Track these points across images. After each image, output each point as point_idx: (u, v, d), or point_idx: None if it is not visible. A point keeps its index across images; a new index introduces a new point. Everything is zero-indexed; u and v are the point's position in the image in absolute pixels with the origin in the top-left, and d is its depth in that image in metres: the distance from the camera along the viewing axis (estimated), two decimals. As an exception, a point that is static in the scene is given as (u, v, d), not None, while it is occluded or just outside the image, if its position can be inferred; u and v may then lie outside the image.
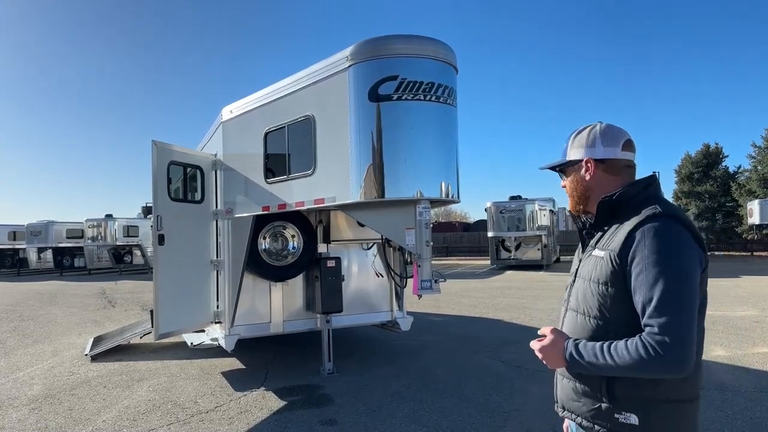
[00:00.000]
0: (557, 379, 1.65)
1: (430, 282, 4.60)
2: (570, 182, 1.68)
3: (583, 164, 1.63)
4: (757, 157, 33.20)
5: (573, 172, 1.67)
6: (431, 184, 4.58)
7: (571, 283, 1.67)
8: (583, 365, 1.43)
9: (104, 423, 4.52)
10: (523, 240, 21.79)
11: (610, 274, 1.45)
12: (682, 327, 1.31)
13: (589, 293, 1.51)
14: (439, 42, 4.71)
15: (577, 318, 1.56)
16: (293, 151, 5.28)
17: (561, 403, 1.62)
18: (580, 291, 1.57)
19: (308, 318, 6.33)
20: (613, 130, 1.62)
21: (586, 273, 1.55)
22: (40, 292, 16.75)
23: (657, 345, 1.30)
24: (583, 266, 1.60)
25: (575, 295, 1.59)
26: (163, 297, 5.36)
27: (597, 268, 1.50)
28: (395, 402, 4.85)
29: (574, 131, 1.68)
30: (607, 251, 1.48)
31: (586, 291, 1.53)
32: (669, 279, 1.33)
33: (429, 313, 9.96)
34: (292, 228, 6.23)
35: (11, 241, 28.88)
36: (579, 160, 1.64)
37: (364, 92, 4.53)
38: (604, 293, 1.47)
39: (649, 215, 1.43)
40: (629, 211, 1.50)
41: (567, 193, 1.71)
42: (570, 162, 1.66)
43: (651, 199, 1.51)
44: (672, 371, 1.32)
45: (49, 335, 8.81)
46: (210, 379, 5.79)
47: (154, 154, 5.41)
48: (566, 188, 1.71)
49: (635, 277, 1.39)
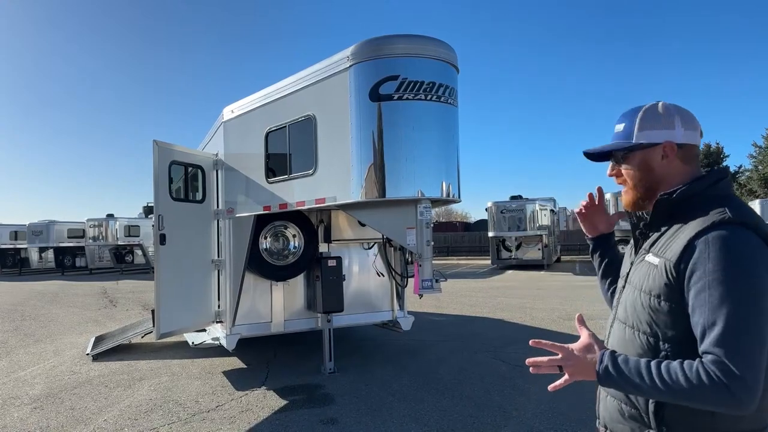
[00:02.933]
0: (600, 396, 1.46)
1: (430, 281, 4.60)
2: (635, 170, 1.39)
3: (661, 149, 1.35)
4: (758, 156, 33.19)
5: (640, 158, 1.38)
6: (432, 184, 4.58)
7: (621, 288, 1.45)
8: (617, 382, 1.23)
9: (105, 422, 4.52)
10: (523, 240, 21.78)
11: (665, 287, 1.24)
12: (750, 358, 1.10)
13: (640, 305, 1.30)
14: (440, 42, 4.71)
15: (625, 331, 1.35)
16: (294, 151, 5.29)
17: (603, 422, 1.43)
18: (629, 301, 1.35)
19: (309, 317, 6.34)
20: (688, 112, 1.37)
21: (638, 281, 1.33)
22: (41, 291, 16.77)
23: (722, 375, 1.09)
24: (634, 272, 1.37)
25: (624, 305, 1.38)
26: (165, 296, 5.37)
27: (650, 278, 1.28)
28: (396, 401, 4.86)
29: (635, 109, 1.40)
30: (662, 259, 1.26)
31: (636, 302, 1.32)
32: (736, 301, 1.12)
33: (430, 313, 9.96)
34: (294, 227, 6.23)
35: (13, 240, 28.89)
36: (653, 144, 1.36)
37: (365, 92, 4.53)
38: (656, 307, 1.26)
39: (716, 221, 1.20)
40: (694, 211, 1.27)
41: (626, 185, 1.43)
42: (640, 146, 1.37)
43: (721, 198, 1.28)
44: (734, 407, 1.11)
45: (50, 335, 8.83)
46: (211, 378, 5.80)
47: (156, 153, 5.42)
48: (624, 178, 1.42)
49: (695, 295, 1.17)
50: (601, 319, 8.98)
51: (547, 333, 7.92)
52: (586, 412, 4.43)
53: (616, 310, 1.43)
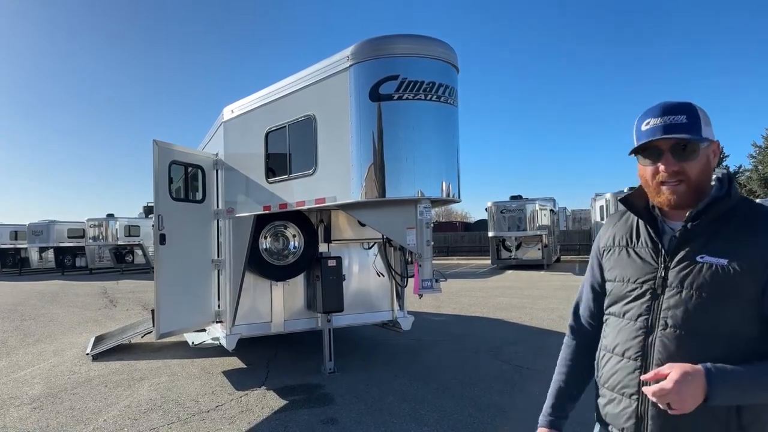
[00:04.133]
0: (646, 413, 1.31)
1: (430, 281, 4.60)
2: (699, 166, 1.33)
3: (714, 148, 1.36)
4: (758, 156, 33.17)
5: (704, 153, 1.33)
6: (432, 184, 4.58)
7: (652, 294, 1.35)
8: (732, 395, 1.19)
9: (105, 422, 4.52)
10: (523, 240, 21.78)
11: (741, 286, 1.23)
12: None
13: (712, 308, 1.25)
14: (440, 41, 4.71)
15: (692, 338, 1.26)
16: (294, 151, 5.29)
17: None
18: (691, 306, 1.27)
19: (309, 317, 6.34)
20: None
21: (699, 284, 1.27)
22: (41, 291, 16.77)
23: None
24: (682, 275, 1.30)
25: (680, 310, 1.28)
26: (164, 296, 5.37)
27: (721, 279, 1.24)
28: (396, 401, 4.85)
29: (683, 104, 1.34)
30: (733, 259, 1.24)
31: (704, 305, 1.26)
32: None
33: (430, 313, 9.96)
34: (293, 227, 6.23)
35: (13, 240, 28.89)
36: (712, 141, 1.34)
37: (365, 92, 4.53)
38: (734, 308, 1.24)
39: None
40: (736, 211, 1.32)
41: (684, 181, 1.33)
42: (706, 140, 1.33)
43: (745, 200, 1.37)
44: None
45: (50, 335, 8.82)
46: (211, 378, 5.80)
47: (156, 153, 5.42)
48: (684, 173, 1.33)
49: None
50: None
51: (548, 333, 7.92)
52: (585, 412, 4.43)
53: (659, 318, 1.31)
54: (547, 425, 1.58)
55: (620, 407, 1.37)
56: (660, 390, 1.16)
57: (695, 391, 1.15)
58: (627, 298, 1.39)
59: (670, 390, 1.15)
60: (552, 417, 1.59)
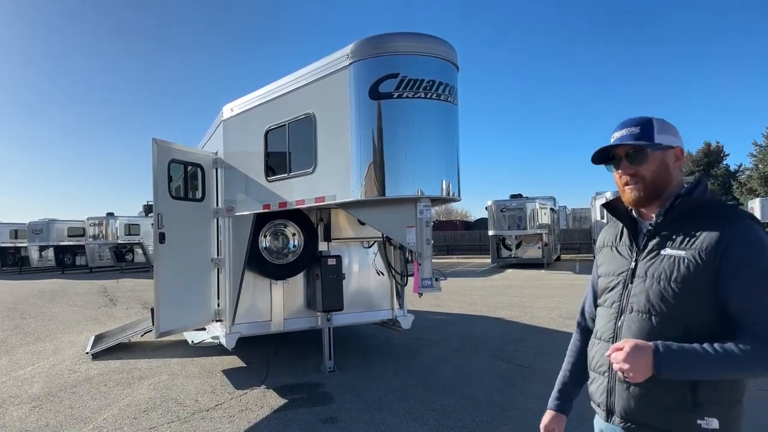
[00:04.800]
0: (614, 388, 1.51)
1: (430, 280, 4.60)
2: (654, 168, 1.51)
3: (674, 153, 1.53)
4: (759, 155, 33.20)
5: (660, 158, 1.52)
6: (432, 183, 4.57)
7: (624, 283, 1.55)
8: (678, 369, 1.34)
9: (105, 421, 4.52)
10: (523, 238, 21.77)
11: (698, 275, 1.39)
12: None
13: (670, 293, 1.42)
14: (440, 39, 4.69)
15: (651, 320, 1.45)
16: (294, 149, 5.28)
17: (621, 413, 1.49)
18: (651, 292, 1.46)
19: (309, 316, 6.33)
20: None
21: (658, 274, 1.45)
22: (41, 290, 16.77)
23: None
24: (647, 266, 1.49)
25: (643, 296, 1.47)
26: (164, 295, 5.36)
27: (678, 268, 1.42)
28: (396, 400, 4.85)
29: (641, 118, 1.55)
30: (690, 251, 1.41)
31: (662, 292, 1.44)
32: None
33: (430, 312, 9.96)
34: (293, 226, 6.22)
35: (13, 239, 28.88)
36: (670, 147, 1.52)
37: (364, 90, 4.52)
38: (688, 294, 1.40)
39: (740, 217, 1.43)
40: (702, 210, 1.47)
41: (635, 183, 1.53)
42: (660, 146, 1.51)
43: (715, 200, 1.51)
44: None
45: (50, 333, 8.82)
46: (211, 377, 5.79)
47: (155, 152, 5.41)
48: (637, 176, 1.53)
49: (743, 280, 1.35)
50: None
51: (548, 332, 7.91)
52: (584, 410, 4.42)
53: (626, 304, 1.52)
54: (555, 408, 1.79)
55: (597, 384, 1.59)
56: (614, 359, 1.37)
57: (644, 362, 1.33)
58: (608, 289, 1.60)
59: (623, 359, 1.34)
60: (558, 401, 1.80)
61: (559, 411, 1.78)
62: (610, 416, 1.53)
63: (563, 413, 1.78)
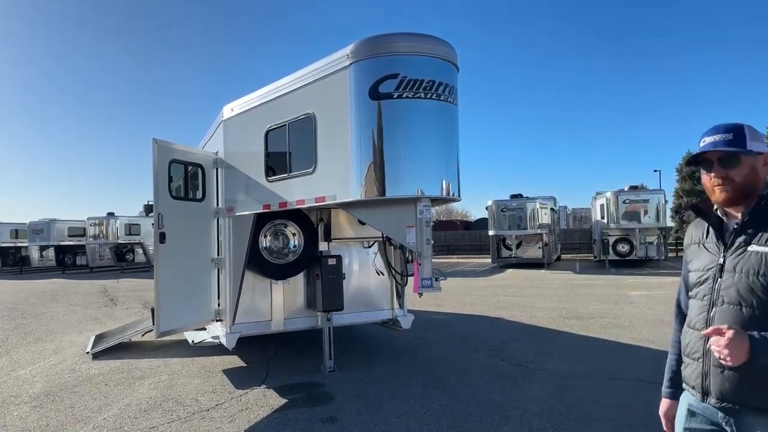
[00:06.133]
0: (709, 372, 1.65)
1: (430, 280, 4.60)
2: (745, 172, 1.66)
3: (765, 158, 1.67)
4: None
5: (751, 163, 1.67)
6: (432, 183, 4.58)
7: (713, 278, 1.69)
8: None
9: (105, 421, 4.52)
10: (524, 238, 21.78)
11: None
12: None
13: (759, 287, 1.56)
14: (440, 40, 4.70)
15: (741, 311, 1.59)
16: (294, 150, 5.28)
17: (717, 395, 1.62)
18: (740, 286, 1.60)
19: (309, 316, 6.34)
20: None
21: (747, 268, 1.60)
22: (42, 290, 16.78)
23: None
24: (735, 262, 1.63)
25: (733, 290, 1.61)
26: (165, 295, 5.37)
27: (765, 264, 1.56)
28: (396, 400, 4.85)
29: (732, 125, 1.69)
30: None
31: (750, 285, 1.57)
32: None
33: (430, 312, 9.96)
34: (293, 226, 6.23)
35: (13, 239, 28.93)
36: (759, 153, 1.66)
37: (364, 90, 4.52)
38: None
39: None
40: None
41: (726, 185, 1.67)
42: (750, 152, 1.66)
43: None
44: None
45: (50, 333, 8.83)
46: (211, 376, 5.80)
47: (155, 152, 5.41)
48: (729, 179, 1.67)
49: None
50: (600, 317, 8.99)
51: (548, 331, 7.92)
52: (585, 411, 4.43)
53: (717, 297, 1.65)
54: (669, 396, 1.95)
55: (691, 368, 1.72)
56: (717, 341, 1.50)
57: (742, 349, 1.47)
58: (698, 283, 1.73)
59: (724, 345, 1.48)
60: (671, 389, 1.95)
61: (672, 398, 1.92)
62: (706, 397, 1.65)
63: (676, 400, 1.90)
